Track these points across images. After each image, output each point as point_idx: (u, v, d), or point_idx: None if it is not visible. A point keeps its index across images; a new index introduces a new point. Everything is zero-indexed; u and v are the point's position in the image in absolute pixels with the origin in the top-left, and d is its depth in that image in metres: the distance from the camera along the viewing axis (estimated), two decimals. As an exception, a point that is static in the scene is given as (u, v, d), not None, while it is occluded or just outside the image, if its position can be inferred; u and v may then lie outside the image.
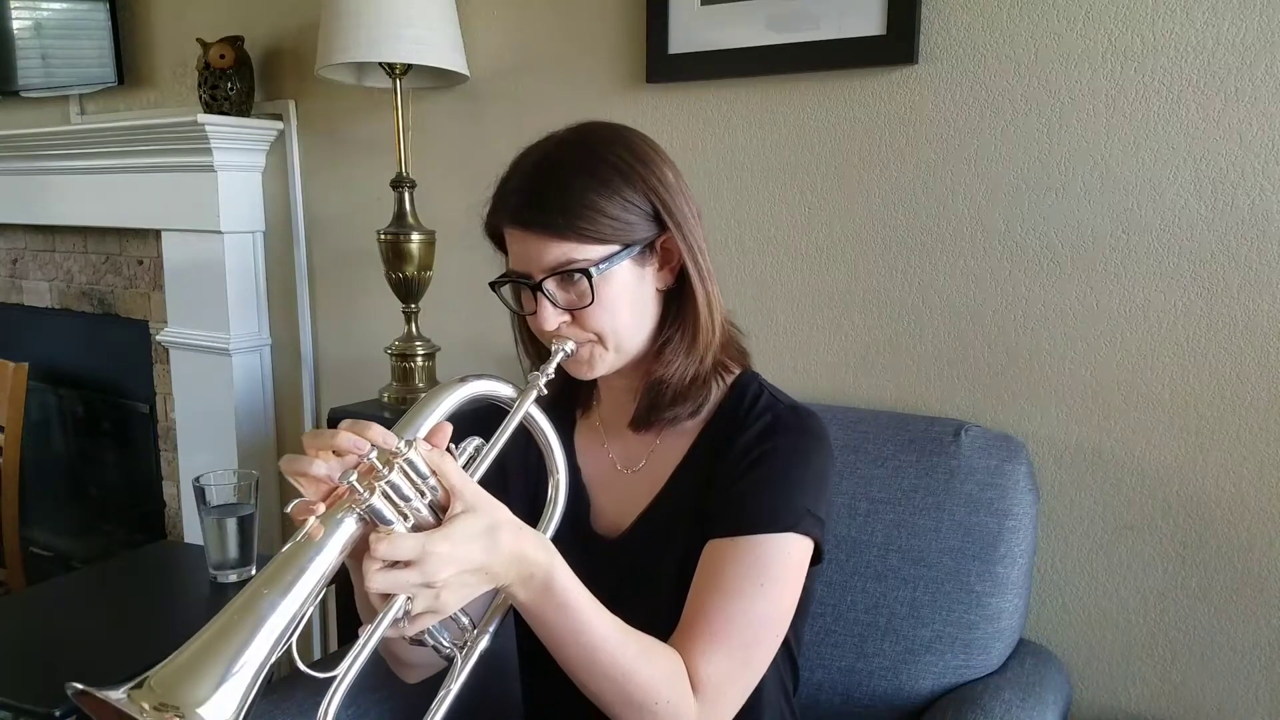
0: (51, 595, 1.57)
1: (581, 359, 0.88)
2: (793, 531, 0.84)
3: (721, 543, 0.84)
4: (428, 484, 0.69)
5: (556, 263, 0.83)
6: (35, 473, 2.62)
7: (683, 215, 0.88)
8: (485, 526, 0.69)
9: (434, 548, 0.66)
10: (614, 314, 0.86)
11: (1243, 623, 1.23)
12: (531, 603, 0.74)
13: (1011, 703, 1.11)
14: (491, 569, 0.70)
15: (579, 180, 0.83)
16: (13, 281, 2.70)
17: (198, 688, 0.59)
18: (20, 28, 2.42)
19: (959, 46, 1.32)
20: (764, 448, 0.87)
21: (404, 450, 0.68)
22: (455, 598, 0.69)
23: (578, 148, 0.87)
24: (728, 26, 1.47)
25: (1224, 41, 1.16)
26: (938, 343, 1.39)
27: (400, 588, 0.66)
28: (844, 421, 1.32)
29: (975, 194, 1.33)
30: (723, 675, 0.80)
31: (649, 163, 0.87)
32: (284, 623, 0.63)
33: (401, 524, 0.68)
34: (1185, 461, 1.24)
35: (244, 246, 2.13)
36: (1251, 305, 1.18)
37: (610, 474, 0.97)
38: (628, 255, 0.85)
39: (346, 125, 1.98)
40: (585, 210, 0.82)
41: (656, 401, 0.91)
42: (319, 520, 0.66)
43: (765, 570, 0.83)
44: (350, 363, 2.09)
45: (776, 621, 0.84)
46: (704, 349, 0.90)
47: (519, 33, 1.72)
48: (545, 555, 0.73)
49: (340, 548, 0.66)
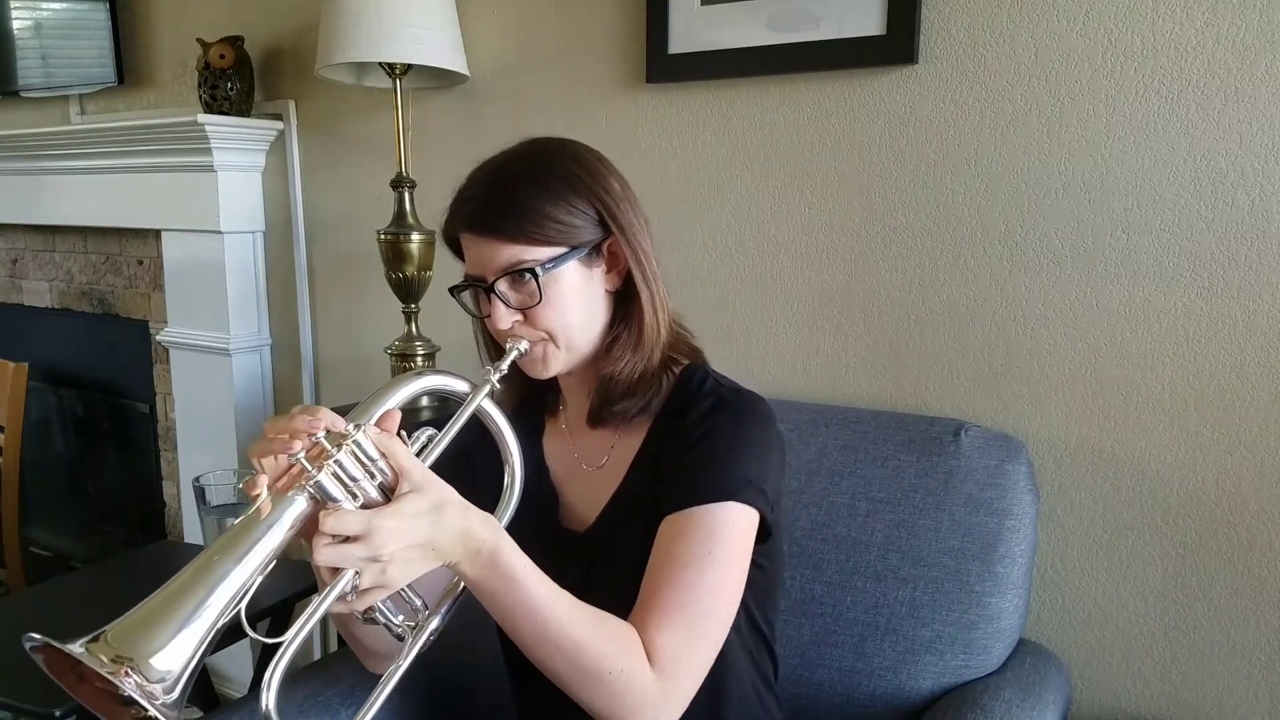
0: (51, 595, 1.57)
1: (535, 357, 0.93)
2: (734, 500, 0.87)
3: (671, 518, 0.87)
4: (376, 466, 0.73)
5: (507, 264, 0.89)
6: (35, 473, 2.62)
7: (627, 221, 0.93)
8: (431, 504, 0.73)
9: (380, 522, 0.69)
10: (563, 312, 0.90)
11: (1243, 623, 1.23)
12: (479, 578, 0.76)
13: (1011, 703, 1.11)
14: (437, 544, 0.73)
15: (528, 188, 0.89)
16: (13, 281, 2.70)
17: (150, 641, 0.63)
18: (20, 28, 2.41)
19: (959, 46, 1.32)
20: (706, 424, 0.91)
21: (353, 433, 0.72)
22: (402, 573, 0.72)
23: (527, 160, 0.93)
24: (728, 26, 1.47)
25: (1224, 41, 1.16)
26: (938, 343, 1.39)
27: (347, 561, 0.69)
28: (844, 421, 1.32)
29: (975, 194, 1.33)
30: (677, 645, 0.81)
31: (594, 173, 0.92)
32: (234, 589, 0.67)
33: (350, 503, 0.71)
34: (1185, 461, 1.24)
35: (244, 246, 2.13)
36: (1251, 305, 1.18)
37: (576, 472, 1.02)
38: (574, 257, 0.90)
39: (346, 125, 1.98)
40: (533, 215, 0.88)
41: (608, 397, 0.96)
42: (270, 497, 0.71)
43: (710, 538, 0.85)
44: (350, 363, 2.09)
45: (727, 589, 0.86)
46: (650, 346, 0.94)
47: (519, 33, 1.72)
48: (490, 532, 0.76)
49: (290, 523, 0.70)
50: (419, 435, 0.82)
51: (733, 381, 0.98)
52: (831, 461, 1.28)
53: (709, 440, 0.90)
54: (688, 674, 0.82)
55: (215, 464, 1.96)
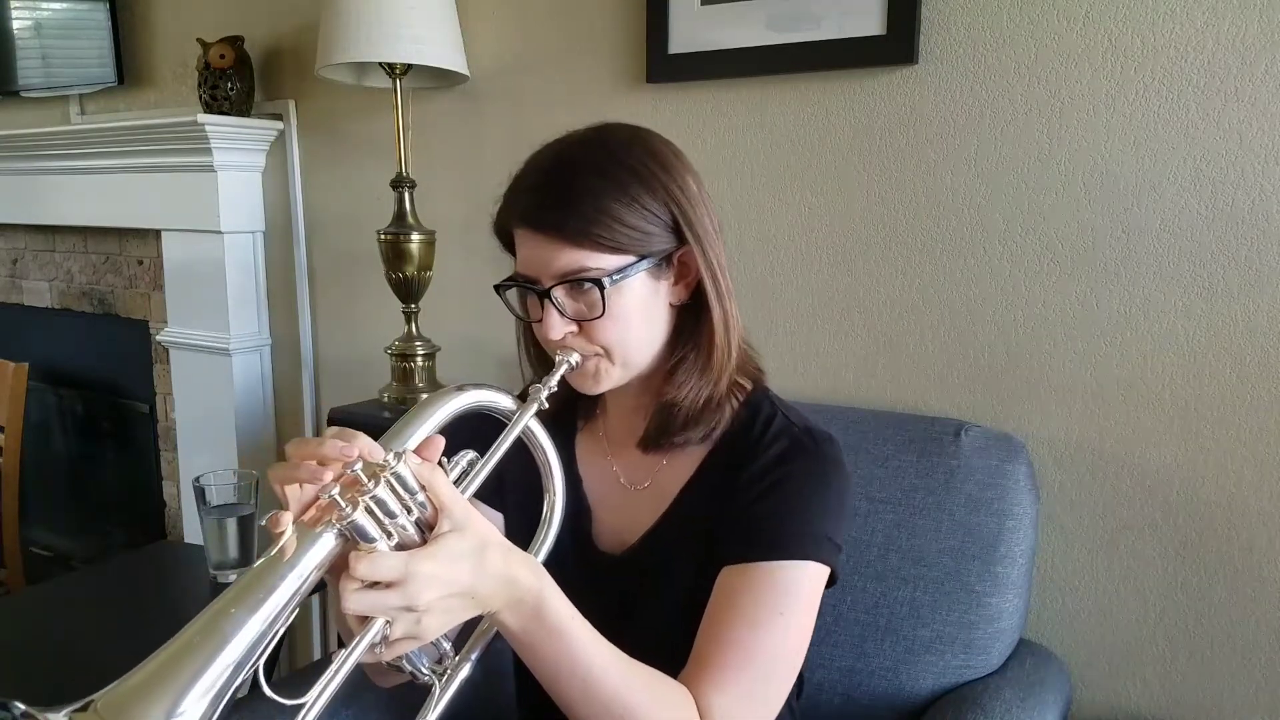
0: (51, 595, 1.57)
1: (587, 372, 0.84)
2: (811, 559, 0.81)
3: (737, 569, 0.81)
4: (415, 500, 0.65)
5: (567, 270, 0.79)
6: (35, 473, 2.62)
7: (703, 228, 0.84)
8: (473, 547, 0.65)
9: (418, 568, 0.61)
10: (624, 328, 0.82)
11: (1243, 623, 1.23)
12: (521, 630, 0.69)
13: (1011, 703, 1.11)
14: (478, 592, 0.65)
15: (596, 184, 0.79)
16: (13, 281, 2.70)
17: (148, 713, 0.53)
18: (20, 28, 2.42)
19: (959, 46, 1.32)
20: (781, 471, 0.84)
21: (392, 463, 0.63)
22: (438, 623, 0.64)
23: (596, 149, 0.83)
24: (728, 26, 1.47)
25: (1224, 41, 1.16)
26: (938, 343, 1.39)
27: (380, 610, 0.62)
28: (844, 421, 1.32)
29: (975, 194, 1.33)
30: (736, 709, 0.76)
31: (670, 169, 0.83)
32: (248, 644, 0.58)
33: (385, 541, 0.63)
34: (1185, 461, 1.24)
35: (244, 246, 2.13)
36: (1251, 305, 1.18)
37: (614, 489, 0.94)
38: (643, 267, 0.81)
39: (346, 125, 1.98)
40: (601, 216, 0.78)
41: (667, 424, 0.87)
42: (295, 534, 0.62)
43: (783, 599, 0.79)
44: (350, 363, 2.09)
45: (794, 653, 0.81)
46: (719, 371, 0.86)
47: (519, 33, 1.72)
48: (536, 579, 0.69)
49: (316, 565, 0.62)
50: (459, 460, 0.74)
51: (800, 415, 0.91)
52: (831, 461, 1.28)
53: (783, 489, 0.83)
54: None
55: (215, 464, 1.96)
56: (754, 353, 0.94)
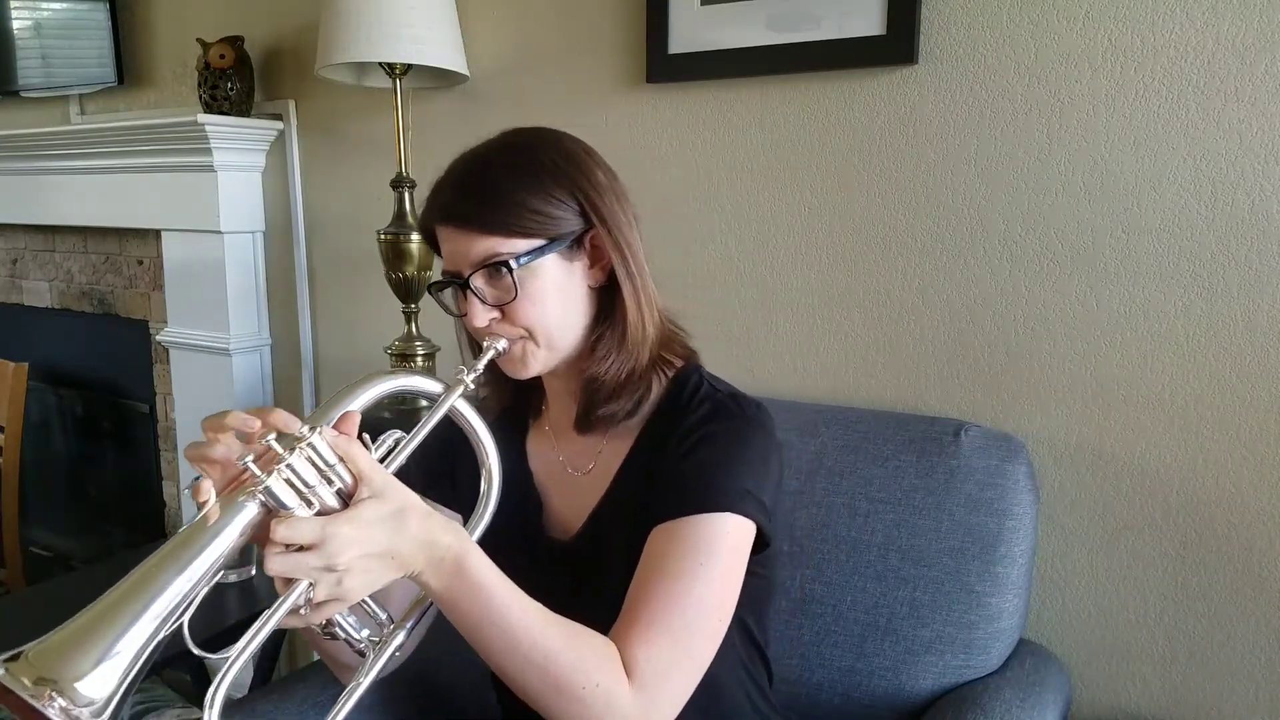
0: (51, 595, 1.57)
1: (514, 356, 0.89)
2: (731, 511, 0.83)
3: (662, 528, 0.83)
4: (334, 471, 0.68)
5: (482, 257, 0.85)
6: (35, 473, 2.62)
7: (610, 212, 0.88)
8: (392, 510, 0.69)
9: (335, 530, 0.65)
10: (542, 308, 0.86)
11: (1243, 623, 1.23)
12: (444, 588, 0.72)
13: (1011, 703, 1.11)
14: (398, 553, 0.69)
15: (506, 177, 0.86)
16: (13, 281, 2.70)
17: (78, 662, 0.58)
18: (20, 28, 2.41)
19: (959, 46, 1.32)
20: (703, 431, 0.87)
21: (307, 435, 0.68)
22: (359, 583, 0.68)
23: (507, 149, 0.90)
24: (728, 26, 1.47)
25: (1224, 41, 1.16)
26: (938, 343, 1.39)
27: (300, 571, 0.65)
28: (844, 421, 1.32)
29: (975, 194, 1.33)
30: (661, 660, 0.77)
31: (577, 163, 0.89)
32: (173, 602, 0.63)
33: (304, 509, 0.67)
34: (1185, 461, 1.24)
35: (244, 246, 2.13)
36: (1251, 305, 1.18)
37: (561, 477, 0.98)
38: (553, 250, 0.86)
39: (346, 125, 1.98)
40: (509, 204, 0.84)
41: (593, 399, 0.91)
42: (218, 502, 0.67)
43: (704, 550, 0.81)
44: (350, 363, 2.08)
45: (718, 605, 0.82)
46: (636, 344, 0.90)
47: (519, 33, 1.72)
48: (456, 539, 0.72)
49: (239, 530, 0.66)
50: (385, 438, 0.78)
51: (729, 385, 0.95)
52: (831, 461, 1.28)
53: (705, 448, 0.86)
54: (670, 692, 0.78)
55: (215, 464, 1.96)
56: (682, 333, 0.98)
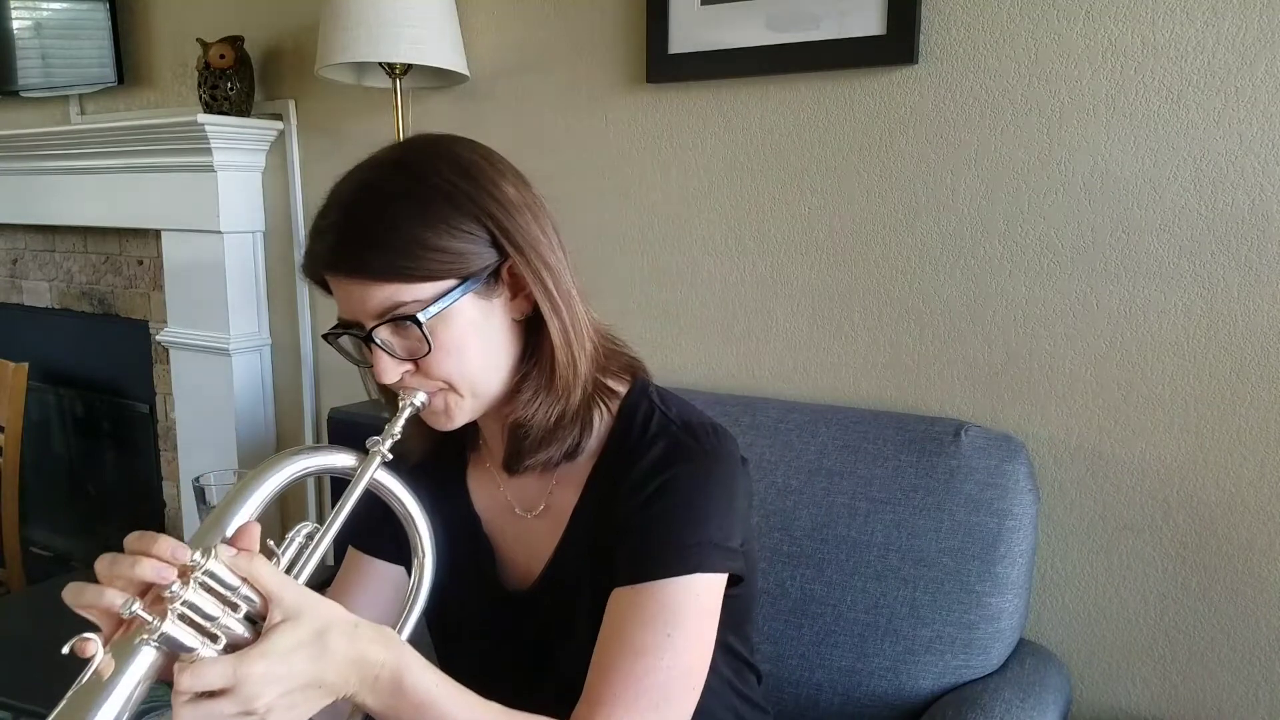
0: (51, 595, 1.57)
1: (437, 409, 0.78)
2: (698, 571, 0.75)
3: (624, 591, 0.75)
4: (239, 594, 0.61)
5: (383, 309, 0.73)
6: (35, 473, 2.62)
7: (526, 236, 0.76)
8: (310, 633, 0.61)
9: (248, 670, 0.57)
10: (459, 358, 0.75)
11: (1243, 623, 1.23)
12: (384, 707, 0.65)
13: (1011, 703, 1.11)
14: (324, 680, 0.61)
15: (398, 211, 0.72)
16: (13, 281, 2.70)
17: None
18: (20, 28, 2.42)
19: (959, 46, 1.32)
20: (660, 479, 0.78)
21: (201, 561, 0.59)
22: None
23: (396, 171, 0.75)
24: (728, 26, 1.47)
25: (1224, 41, 1.16)
26: (938, 343, 1.39)
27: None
28: (844, 421, 1.32)
29: (975, 194, 1.33)
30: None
31: (479, 179, 0.75)
32: None
33: (209, 647, 0.59)
34: (1185, 461, 1.24)
35: (244, 246, 2.13)
36: (1251, 305, 1.18)
37: (510, 520, 0.88)
38: (465, 290, 0.74)
39: (346, 125, 1.98)
40: (407, 246, 0.71)
41: (519, 447, 0.81)
42: (109, 654, 0.58)
43: (672, 619, 0.74)
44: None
45: (690, 672, 0.75)
46: (566, 386, 0.79)
47: (519, 33, 1.72)
48: (390, 652, 0.64)
49: (135, 682, 0.58)
50: (294, 535, 0.68)
51: (681, 404, 0.85)
52: (831, 461, 1.28)
53: (664, 499, 0.77)
54: None
55: (215, 464, 1.96)
56: (622, 345, 0.88)
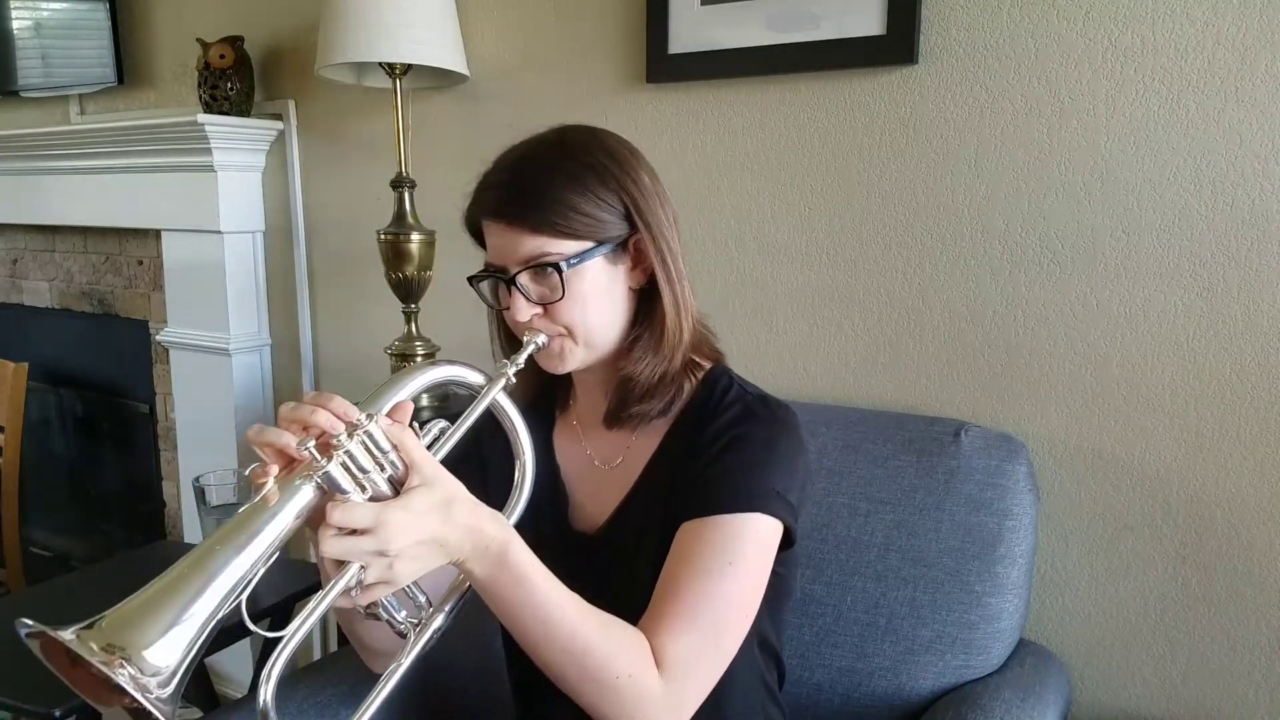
0: (51, 595, 1.57)
1: (553, 352, 0.90)
2: (760, 512, 0.85)
3: (691, 524, 0.85)
4: (388, 458, 0.71)
5: (530, 256, 0.86)
6: (35, 473, 2.62)
7: (654, 217, 0.90)
8: (441, 499, 0.72)
9: (389, 516, 0.68)
10: (584, 309, 0.88)
11: (1243, 623, 1.23)
12: (487, 576, 0.75)
13: (1011, 703, 1.11)
14: (446, 541, 0.72)
15: (555, 178, 0.86)
16: (13, 281, 2.70)
17: (145, 632, 0.61)
18: (20, 28, 2.41)
19: (959, 46, 1.32)
20: (733, 433, 0.89)
21: (364, 423, 0.70)
22: (409, 568, 0.70)
23: (557, 148, 0.90)
24: (728, 26, 1.47)
25: (1224, 41, 1.16)
26: (938, 343, 1.39)
27: (354, 555, 0.68)
28: (844, 421, 1.32)
29: (975, 194, 1.33)
30: (689, 653, 0.80)
31: (624, 165, 0.90)
32: (234, 580, 0.66)
33: (359, 494, 0.70)
34: (1185, 461, 1.24)
35: (244, 246, 2.13)
36: (1251, 305, 1.18)
37: (588, 471, 0.99)
38: (599, 252, 0.88)
39: (346, 125, 1.98)
40: (559, 206, 0.85)
41: (626, 398, 0.93)
42: (276, 485, 0.69)
43: (732, 549, 0.84)
44: (350, 363, 2.08)
45: (744, 603, 0.85)
46: (671, 349, 0.91)
47: (519, 33, 1.72)
48: (500, 530, 0.75)
49: (295, 513, 0.69)
50: (431, 428, 0.81)
51: (757, 388, 0.96)
52: (831, 461, 1.28)
53: (735, 450, 0.88)
54: (696, 683, 0.81)
55: (215, 464, 1.96)
56: (712, 335, 1.00)
